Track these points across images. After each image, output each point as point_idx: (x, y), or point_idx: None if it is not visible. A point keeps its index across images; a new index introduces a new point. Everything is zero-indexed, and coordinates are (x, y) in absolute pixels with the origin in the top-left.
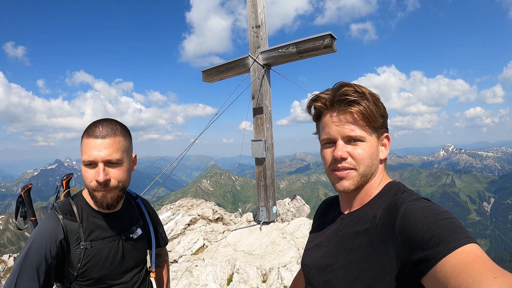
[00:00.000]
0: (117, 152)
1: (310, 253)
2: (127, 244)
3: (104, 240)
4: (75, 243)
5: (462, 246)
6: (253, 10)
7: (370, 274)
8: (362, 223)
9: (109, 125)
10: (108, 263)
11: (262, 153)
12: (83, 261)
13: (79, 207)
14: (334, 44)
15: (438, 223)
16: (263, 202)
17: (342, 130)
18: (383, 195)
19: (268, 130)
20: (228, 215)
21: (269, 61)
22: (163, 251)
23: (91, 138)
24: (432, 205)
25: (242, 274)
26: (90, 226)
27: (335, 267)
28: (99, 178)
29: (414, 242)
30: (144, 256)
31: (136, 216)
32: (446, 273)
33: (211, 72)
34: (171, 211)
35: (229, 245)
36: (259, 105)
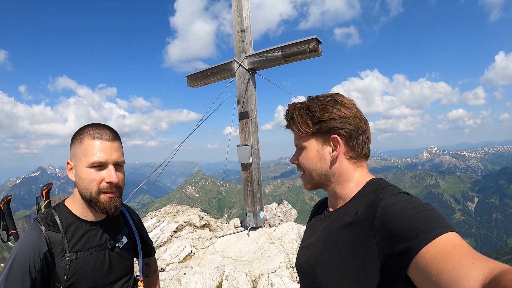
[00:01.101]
0: (123, 155)
1: (302, 253)
2: (114, 253)
3: (90, 250)
4: (60, 255)
5: (441, 235)
6: (238, 14)
7: (354, 268)
8: (345, 219)
9: (112, 130)
10: (95, 274)
11: (248, 158)
12: (69, 274)
13: (62, 217)
14: (320, 48)
15: (416, 215)
16: (250, 207)
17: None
18: (365, 191)
19: (254, 134)
20: (215, 221)
21: (254, 65)
22: (152, 260)
23: (101, 140)
24: (411, 198)
25: (232, 281)
26: (75, 236)
27: (322, 263)
28: (112, 179)
29: (394, 235)
30: (131, 265)
31: (121, 224)
32: (427, 262)
33: (196, 77)
34: (156, 218)
35: (217, 251)
36: (244, 110)
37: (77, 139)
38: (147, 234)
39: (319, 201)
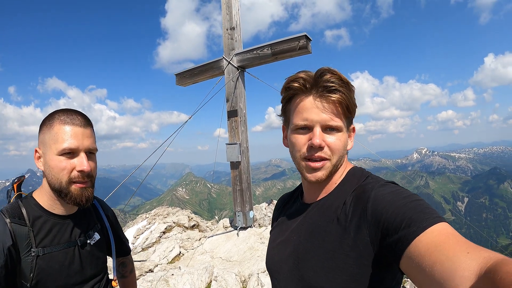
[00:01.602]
0: (95, 143)
1: (276, 252)
2: (84, 250)
3: (58, 246)
4: (26, 249)
5: (434, 225)
6: (227, 12)
7: (347, 261)
8: (331, 211)
9: (84, 116)
10: (63, 272)
11: (237, 157)
12: (35, 271)
13: (29, 209)
14: (310, 45)
15: (408, 205)
16: (239, 207)
17: (323, 118)
18: (348, 181)
19: (243, 133)
20: (205, 222)
21: (243, 63)
22: (128, 259)
23: (72, 126)
24: (400, 188)
25: (221, 281)
26: (42, 230)
27: (308, 259)
28: (83, 168)
29: (387, 226)
30: (104, 263)
31: (93, 219)
32: (420, 252)
33: (184, 75)
34: (147, 220)
35: (206, 252)
36: (233, 108)
37: (46, 125)
38: (122, 231)
39: (283, 197)
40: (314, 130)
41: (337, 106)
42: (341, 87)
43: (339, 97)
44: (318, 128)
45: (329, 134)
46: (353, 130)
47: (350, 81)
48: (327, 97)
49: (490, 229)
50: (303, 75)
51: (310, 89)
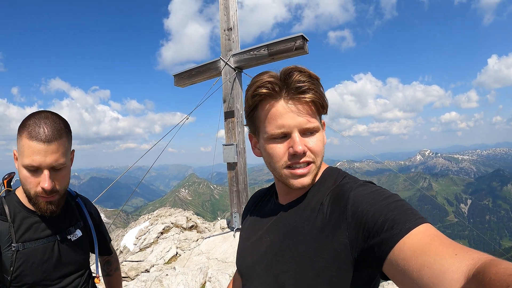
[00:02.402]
0: (62, 156)
1: (249, 252)
2: (64, 246)
3: (38, 241)
4: (6, 244)
5: (417, 226)
6: (225, 13)
7: (323, 264)
8: (307, 211)
9: (53, 125)
10: (42, 266)
11: (233, 158)
12: (15, 264)
13: (11, 206)
14: (306, 46)
15: (389, 206)
16: (236, 208)
17: (299, 122)
18: (324, 181)
19: (240, 134)
20: (202, 222)
21: (240, 63)
22: (113, 258)
23: (34, 142)
24: (380, 189)
25: (214, 282)
26: (23, 226)
27: (283, 260)
28: (45, 186)
29: (368, 227)
30: (85, 259)
31: (76, 216)
32: (405, 255)
33: (182, 76)
34: (149, 221)
35: (202, 253)
36: (230, 109)
37: (19, 132)
38: (106, 230)
39: (256, 194)
40: (293, 136)
41: (311, 106)
42: (312, 85)
43: (312, 96)
44: (296, 134)
45: (308, 137)
46: (324, 124)
47: (318, 77)
48: (299, 99)
49: (493, 232)
50: (268, 78)
51: (280, 92)
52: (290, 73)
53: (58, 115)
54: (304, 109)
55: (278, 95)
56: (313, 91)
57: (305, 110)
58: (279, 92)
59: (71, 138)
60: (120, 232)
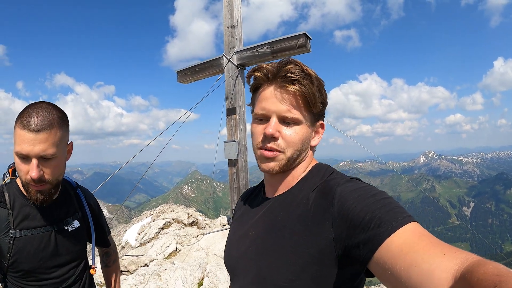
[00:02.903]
0: (52, 147)
1: (234, 246)
2: (61, 236)
3: (35, 230)
4: (4, 230)
5: (405, 225)
6: (229, 10)
7: (306, 259)
8: (292, 206)
9: (45, 115)
10: (38, 255)
11: (235, 155)
12: (12, 251)
13: (11, 193)
14: (309, 44)
15: (377, 203)
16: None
17: (279, 108)
18: (312, 176)
19: (241, 131)
20: (204, 219)
21: (243, 61)
22: (112, 249)
23: (24, 130)
24: (367, 185)
25: (212, 278)
26: (21, 214)
27: (266, 254)
28: (32, 175)
29: (354, 224)
30: (82, 250)
31: (74, 207)
32: (393, 253)
33: (185, 73)
34: (151, 217)
35: (202, 249)
36: (232, 106)
37: (15, 121)
38: (105, 222)
39: (247, 191)
40: (270, 120)
41: (297, 98)
42: (302, 79)
43: (298, 89)
44: (274, 118)
45: (286, 126)
46: (321, 126)
47: (314, 74)
48: (286, 88)
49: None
50: (267, 65)
51: (272, 79)
52: (285, 63)
53: (54, 107)
54: (287, 98)
55: (270, 82)
56: (301, 84)
57: (289, 100)
58: (272, 79)
59: (67, 130)
60: (123, 227)
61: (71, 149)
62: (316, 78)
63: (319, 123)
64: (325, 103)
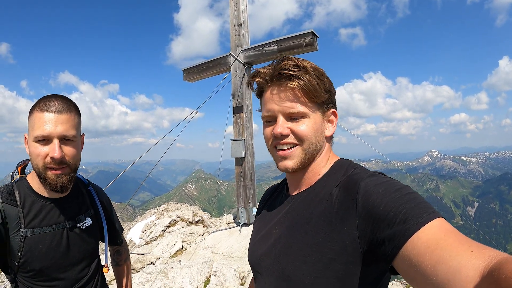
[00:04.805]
0: (73, 128)
1: (258, 245)
2: (73, 234)
3: (46, 228)
4: (15, 229)
5: (431, 220)
6: (235, 8)
7: (330, 256)
8: (315, 202)
9: (64, 101)
10: (50, 253)
11: (241, 153)
12: (23, 250)
13: (22, 191)
14: (316, 42)
15: (402, 198)
16: (242, 203)
17: (283, 106)
18: (334, 172)
19: (248, 129)
20: (209, 217)
21: (250, 59)
22: (123, 248)
23: (46, 112)
24: (391, 180)
25: (219, 276)
26: (32, 212)
27: (290, 252)
28: (54, 155)
29: (379, 219)
30: (95, 249)
31: (86, 204)
32: (419, 250)
33: (192, 71)
34: (155, 215)
35: (208, 247)
36: (239, 104)
37: (30, 111)
38: (117, 220)
39: (269, 189)
40: (277, 120)
41: (296, 92)
42: (298, 72)
43: (296, 84)
44: (280, 118)
45: (294, 122)
46: (333, 114)
47: (310, 65)
48: (284, 85)
49: (499, 235)
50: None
51: (271, 80)
52: (279, 62)
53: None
54: (288, 95)
55: (269, 83)
56: (297, 77)
57: (289, 96)
58: (270, 80)
59: (81, 120)
60: (127, 225)
61: (83, 140)
62: (313, 68)
63: (330, 111)
64: (330, 90)
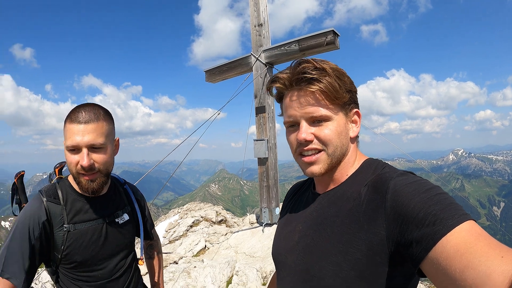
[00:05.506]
0: (100, 136)
1: (283, 243)
2: (111, 228)
3: (87, 223)
4: (59, 225)
5: (461, 223)
6: (255, 9)
7: (356, 256)
8: (342, 201)
9: (92, 110)
10: (90, 246)
11: (264, 153)
12: (66, 244)
13: (64, 190)
14: (337, 41)
15: (432, 199)
16: (265, 203)
17: (305, 111)
18: (362, 172)
19: (271, 129)
20: (232, 217)
21: (271, 59)
22: (156, 242)
23: (74, 124)
24: (421, 179)
25: (241, 276)
26: (74, 209)
27: (315, 250)
28: (83, 163)
29: (408, 220)
30: (131, 242)
31: (123, 201)
32: (448, 254)
33: (214, 72)
34: (178, 215)
35: (230, 247)
36: (261, 104)
37: (64, 122)
38: (150, 216)
39: (295, 185)
40: (300, 125)
41: (319, 95)
42: (317, 75)
43: (316, 87)
44: (303, 123)
45: (317, 126)
46: (356, 114)
47: (329, 66)
48: (304, 89)
49: None
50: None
51: (290, 85)
52: (297, 65)
53: (99, 106)
54: (308, 99)
55: (289, 88)
56: (317, 80)
57: (310, 100)
58: (289, 85)
59: (113, 126)
60: None
61: (118, 144)
62: (333, 69)
63: (353, 111)
64: (352, 90)
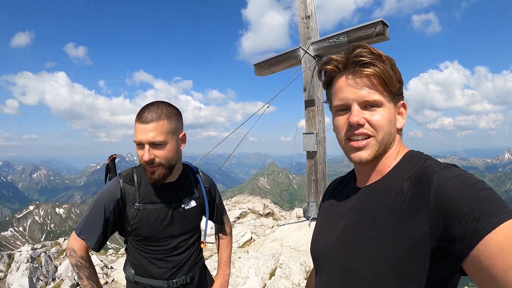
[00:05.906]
0: (160, 135)
1: (322, 237)
2: (177, 212)
3: (155, 205)
4: (131, 203)
5: (506, 221)
6: (302, 1)
7: (398, 251)
8: (384, 195)
9: (155, 110)
10: (155, 225)
11: (313, 147)
12: (135, 219)
13: (139, 174)
14: (387, 31)
15: (477, 194)
16: (313, 197)
17: (358, 94)
18: (404, 164)
19: (320, 123)
20: (279, 211)
21: (320, 51)
22: (226, 225)
23: (139, 123)
24: (465, 173)
25: (285, 269)
26: (145, 191)
27: (355, 246)
28: (144, 158)
29: (451, 216)
30: (195, 226)
31: (193, 188)
32: (491, 252)
33: (262, 66)
34: (227, 206)
35: (276, 239)
36: (310, 97)
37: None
38: (221, 203)
39: (335, 180)
40: (352, 108)
41: (372, 80)
42: (372, 60)
43: (372, 71)
44: (355, 106)
45: (369, 110)
46: (403, 106)
47: (384, 54)
48: (359, 72)
49: None
50: (335, 56)
51: (343, 68)
52: (352, 49)
53: (165, 103)
54: (363, 82)
55: (342, 71)
56: (373, 65)
57: (365, 83)
58: (343, 68)
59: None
60: None
61: (184, 138)
62: (387, 57)
63: (401, 103)
64: (401, 81)
